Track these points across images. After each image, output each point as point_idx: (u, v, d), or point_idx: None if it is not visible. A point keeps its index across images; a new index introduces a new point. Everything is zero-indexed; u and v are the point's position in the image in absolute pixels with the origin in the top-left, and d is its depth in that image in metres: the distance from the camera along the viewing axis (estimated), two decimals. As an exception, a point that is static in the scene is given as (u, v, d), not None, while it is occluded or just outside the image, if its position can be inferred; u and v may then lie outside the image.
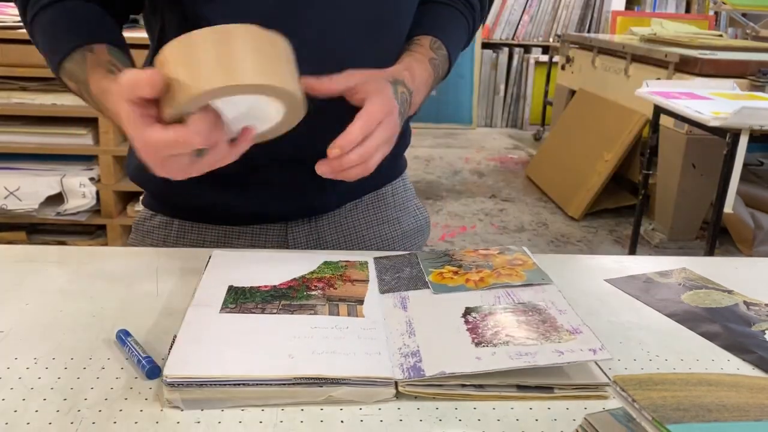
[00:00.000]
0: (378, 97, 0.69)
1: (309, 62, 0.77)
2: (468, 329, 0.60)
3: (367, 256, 0.76)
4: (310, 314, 0.62)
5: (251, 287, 0.67)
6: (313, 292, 0.66)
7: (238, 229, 0.86)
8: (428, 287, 0.68)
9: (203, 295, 0.65)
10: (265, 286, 0.67)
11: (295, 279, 0.69)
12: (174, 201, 0.88)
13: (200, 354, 0.54)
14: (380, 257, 0.76)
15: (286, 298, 0.65)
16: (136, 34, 2.32)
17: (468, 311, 0.63)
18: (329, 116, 0.80)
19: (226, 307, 0.63)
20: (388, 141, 0.70)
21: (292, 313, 0.62)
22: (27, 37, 0.79)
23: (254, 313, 0.62)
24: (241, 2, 0.73)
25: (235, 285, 0.67)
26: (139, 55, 0.76)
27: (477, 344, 0.57)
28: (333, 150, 0.65)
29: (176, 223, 0.88)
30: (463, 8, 0.89)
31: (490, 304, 0.64)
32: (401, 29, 0.84)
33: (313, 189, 0.85)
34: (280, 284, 0.68)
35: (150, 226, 0.90)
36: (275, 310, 0.63)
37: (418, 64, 0.79)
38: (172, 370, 0.51)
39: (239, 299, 0.64)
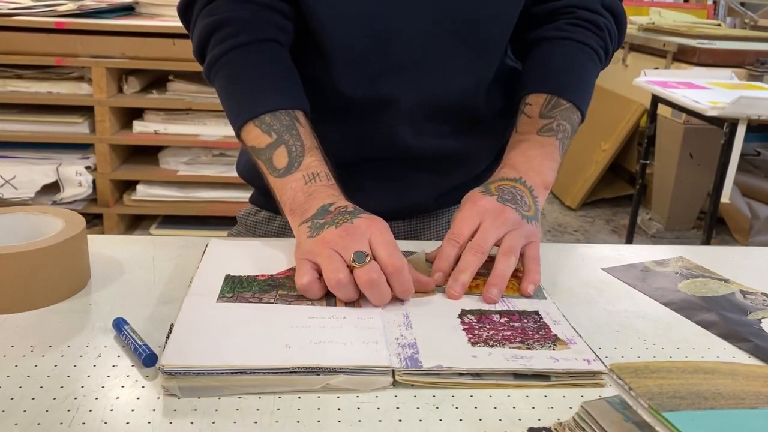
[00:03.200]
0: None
1: (405, 65, 0.78)
2: (464, 329, 0.60)
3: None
4: (308, 304, 0.62)
5: (248, 276, 0.67)
6: (310, 282, 0.66)
7: None
8: None
9: (200, 284, 0.65)
10: (262, 276, 0.67)
11: (292, 269, 0.69)
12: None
13: (197, 344, 0.54)
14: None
15: (283, 288, 0.65)
16: (134, 22, 2.30)
17: (464, 313, 0.63)
18: (430, 120, 0.82)
19: (223, 297, 0.62)
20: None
21: (289, 303, 0.62)
22: (23, 24, 0.78)
23: (251, 302, 0.62)
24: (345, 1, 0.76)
25: (232, 274, 0.67)
26: (136, 43, 0.76)
27: (473, 344, 0.57)
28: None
29: (278, 219, 0.91)
30: (587, 36, 0.82)
31: (485, 308, 0.64)
32: (497, 32, 0.81)
33: (415, 188, 0.87)
34: (277, 274, 0.68)
35: (254, 220, 0.94)
36: (272, 300, 0.62)
37: (517, 154, 0.77)
38: (169, 360, 0.51)
39: (236, 289, 0.64)
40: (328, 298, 0.63)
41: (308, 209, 0.68)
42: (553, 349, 0.57)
